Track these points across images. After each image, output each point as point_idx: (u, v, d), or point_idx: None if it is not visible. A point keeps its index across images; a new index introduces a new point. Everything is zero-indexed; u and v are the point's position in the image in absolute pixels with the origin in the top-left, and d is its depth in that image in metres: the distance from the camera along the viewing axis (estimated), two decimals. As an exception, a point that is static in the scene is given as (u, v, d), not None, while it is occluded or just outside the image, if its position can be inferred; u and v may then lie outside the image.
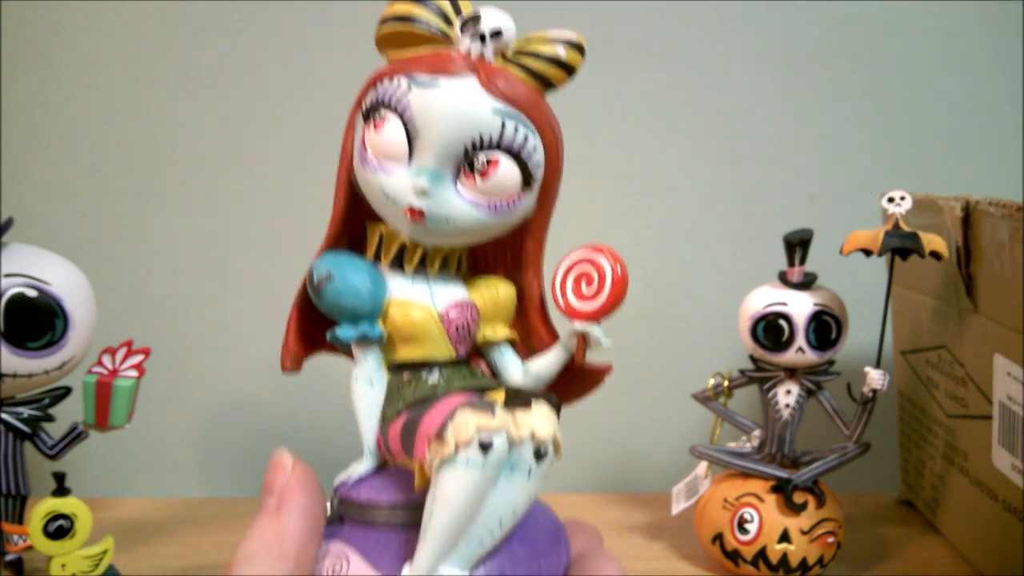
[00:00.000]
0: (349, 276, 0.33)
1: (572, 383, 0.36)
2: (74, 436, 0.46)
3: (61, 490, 0.45)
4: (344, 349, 0.34)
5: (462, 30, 0.32)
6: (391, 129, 0.32)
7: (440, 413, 0.29)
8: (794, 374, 0.53)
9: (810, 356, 0.52)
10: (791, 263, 0.53)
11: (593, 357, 0.35)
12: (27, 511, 0.45)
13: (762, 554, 0.52)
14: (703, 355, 0.66)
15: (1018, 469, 0.48)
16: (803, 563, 0.52)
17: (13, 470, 0.45)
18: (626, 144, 0.68)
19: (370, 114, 0.33)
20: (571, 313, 0.34)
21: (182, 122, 0.66)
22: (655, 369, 0.69)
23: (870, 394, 0.51)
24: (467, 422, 0.28)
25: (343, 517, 0.33)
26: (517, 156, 0.32)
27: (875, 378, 0.51)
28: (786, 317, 0.52)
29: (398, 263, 0.34)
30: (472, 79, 0.31)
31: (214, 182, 0.67)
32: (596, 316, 0.34)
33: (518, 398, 0.31)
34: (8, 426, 0.45)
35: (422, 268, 0.34)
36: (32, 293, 0.42)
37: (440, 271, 0.34)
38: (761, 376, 0.54)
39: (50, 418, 0.46)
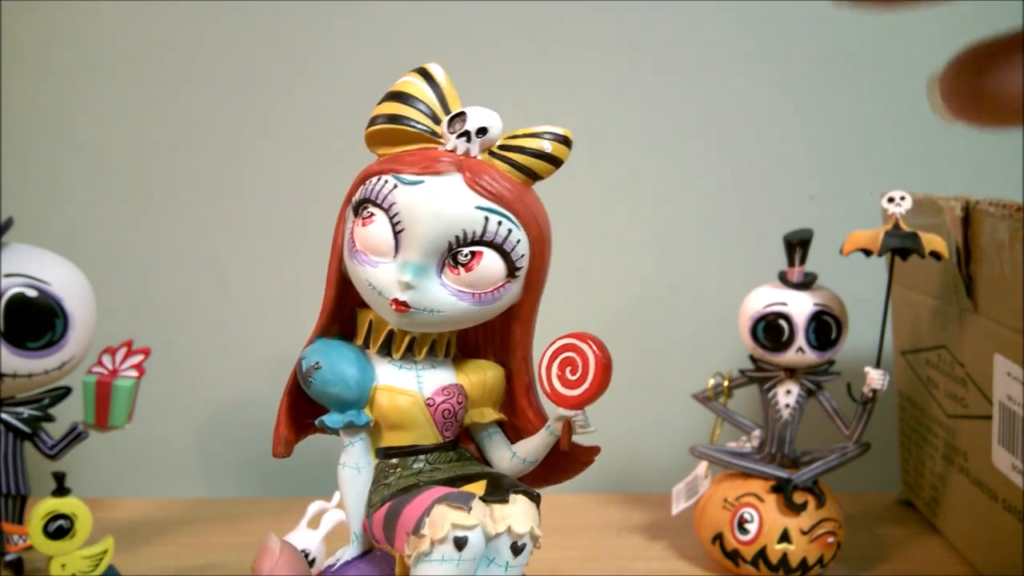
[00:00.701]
0: (337, 365, 0.34)
1: (561, 464, 0.36)
2: (74, 436, 0.46)
3: (61, 490, 0.45)
4: (333, 433, 0.35)
5: (449, 128, 0.33)
6: (378, 225, 0.33)
7: (418, 507, 0.30)
8: (794, 374, 0.53)
9: (810, 356, 0.52)
10: (791, 263, 0.53)
11: (580, 439, 0.35)
12: (27, 511, 0.45)
13: (762, 554, 0.52)
14: (703, 355, 0.66)
15: (1018, 469, 0.48)
16: (803, 563, 0.52)
17: (13, 470, 0.45)
18: (626, 144, 0.68)
19: (358, 209, 0.34)
20: (556, 399, 0.34)
21: (182, 122, 0.66)
22: (655, 369, 0.69)
23: (870, 394, 0.51)
24: (443, 518, 0.29)
25: None
26: (501, 249, 0.33)
27: (875, 378, 0.51)
28: (786, 317, 0.52)
29: (386, 349, 0.35)
30: (457, 177, 0.32)
31: (214, 182, 0.67)
32: (580, 403, 0.34)
33: (497, 490, 0.32)
34: (8, 426, 0.45)
35: (409, 354, 0.35)
36: (32, 293, 0.42)
37: (428, 356, 0.35)
38: (761, 376, 0.54)
39: (50, 418, 0.46)
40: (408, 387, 0.34)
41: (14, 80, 0.65)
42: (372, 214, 0.33)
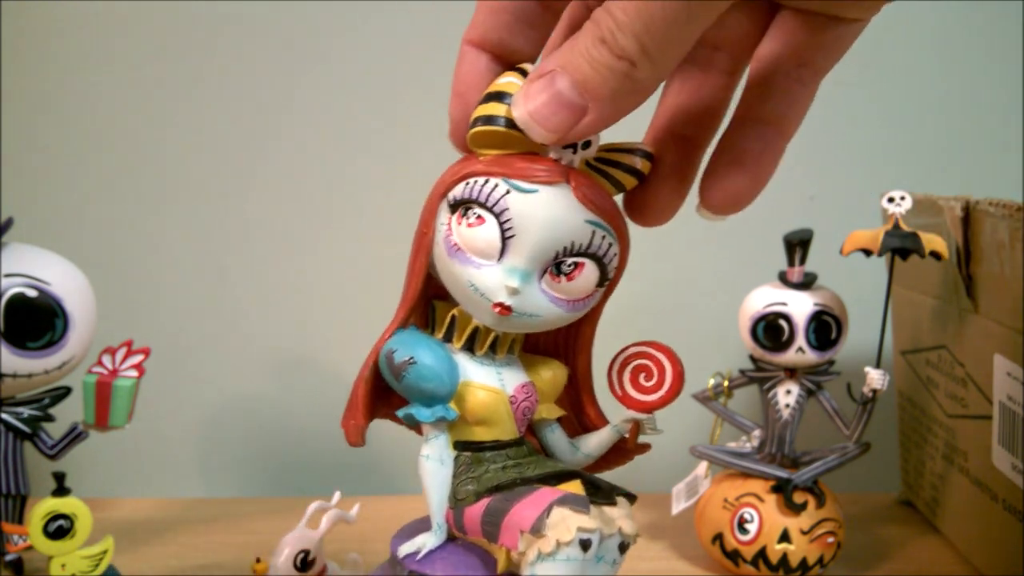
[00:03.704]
0: (430, 360, 0.34)
1: (607, 456, 0.38)
2: (74, 436, 0.46)
3: (61, 490, 0.45)
4: (411, 425, 0.36)
5: None
6: (487, 229, 0.33)
7: (533, 507, 0.32)
8: (794, 374, 0.53)
9: (810, 356, 0.52)
10: (791, 263, 0.53)
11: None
12: (27, 511, 0.45)
13: (762, 554, 0.52)
14: (703, 355, 0.66)
15: (1018, 469, 0.48)
16: (803, 563, 0.52)
17: (13, 470, 0.45)
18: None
19: (462, 208, 0.33)
20: (628, 402, 0.36)
21: (183, 121, 0.66)
22: (655, 369, 0.69)
23: (870, 394, 0.51)
24: (567, 521, 0.31)
25: None
26: (600, 261, 0.34)
27: (875, 378, 0.51)
28: (786, 317, 0.52)
29: (468, 345, 0.35)
30: (566, 188, 0.32)
31: (215, 182, 0.67)
32: (654, 408, 0.36)
33: (599, 492, 0.33)
34: (8, 426, 0.45)
35: (490, 351, 0.36)
36: (32, 293, 0.42)
37: (506, 353, 0.36)
38: (761, 376, 0.54)
39: (50, 418, 0.46)
40: (492, 384, 0.35)
41: (14, 79, 0.65)
42: (480, 216, 0.33)
